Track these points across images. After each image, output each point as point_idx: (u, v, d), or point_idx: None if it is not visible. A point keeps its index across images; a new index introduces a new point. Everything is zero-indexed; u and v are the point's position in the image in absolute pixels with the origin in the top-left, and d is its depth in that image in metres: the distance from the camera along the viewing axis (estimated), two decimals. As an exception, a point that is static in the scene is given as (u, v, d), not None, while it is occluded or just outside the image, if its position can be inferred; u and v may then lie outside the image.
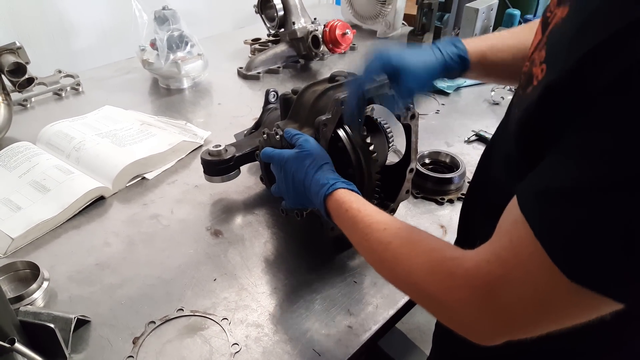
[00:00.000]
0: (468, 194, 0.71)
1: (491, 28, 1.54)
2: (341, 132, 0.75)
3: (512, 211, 0.40)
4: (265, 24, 1.54)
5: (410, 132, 0.79)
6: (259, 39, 1.62)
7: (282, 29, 1.49)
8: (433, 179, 0.93)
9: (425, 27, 1.61)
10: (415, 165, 0.82)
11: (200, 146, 1.09)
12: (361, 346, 0.66)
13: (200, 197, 0.94)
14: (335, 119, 0.70)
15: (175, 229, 0.86)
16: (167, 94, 1.35)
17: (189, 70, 1.33)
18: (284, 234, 0.85)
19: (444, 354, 0.76)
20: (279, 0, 1.43)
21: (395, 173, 0.83)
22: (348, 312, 0.70)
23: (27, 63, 1.13)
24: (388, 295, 0.73)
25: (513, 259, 0.39)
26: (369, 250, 0.55)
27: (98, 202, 0.92)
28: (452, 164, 0.98)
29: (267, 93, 1.00)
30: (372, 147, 0.75)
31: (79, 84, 1.34)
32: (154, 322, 0.68)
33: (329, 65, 1.54)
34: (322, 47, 1.49)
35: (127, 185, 0.97)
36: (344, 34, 1.47)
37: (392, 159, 0.88)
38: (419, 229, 0.53)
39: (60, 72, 1.33)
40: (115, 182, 0.94)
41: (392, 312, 0.71)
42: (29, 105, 1.26)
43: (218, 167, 0.88)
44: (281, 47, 1.49)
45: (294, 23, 1.45)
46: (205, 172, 0.90)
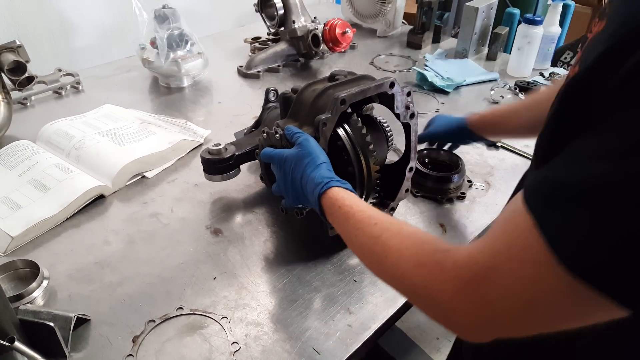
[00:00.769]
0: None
1: (491, 27, 1.54)
2: (341, 131, 0.75)
3: (512, 205, 0.39)
4: (265, 22, 1.54)
5: (409, 131, 0.79)
6: (259, 38, 1.62)
7: (282, 28, 1.48)
8: (433, 177, 0.93)
9: (425, 25, 1.61)
10: (415, 164, 0.82)
11: (200, 145, 1.09)
12: (361, 345, 0.66)
13: (200, 196, 0.94)
14: (335, 117, 0.70)
15: (175, 227, 0.86)
16: (167, 92, 1.35)
17: (189, 68, 1.33)
18: (284, 232, 0.85)
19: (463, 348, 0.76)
20: (279, -1, 1.43)
21: (394, 172, 0.83)
22: (348, 311, 0.70)
23: (27, 61, 1.13)
24: (388, 294, 0.73)
25: (506, 250, 0.37)
26: (360, 245, 0.55)
27: (98, 201, 0.92)
28: (451, 163, 0.98)
29: (267, 92, 1.00)
30: (371, 146, 0.75)
31: (79, 83, 1.34)
32: (153, 321, 0.68)
33: (329, 64, 1.54)
34: (322, 46, 1.49)
35: (127, 183, 0.97)
36: (344, 33, 1.47)
37: (392, 157, 0.88)
38: (411, 225, 0.53)
39: (60, 70, 1.33)
40: (115, 180, 0.94)
41: (392, 310, 0.71)
42: (28, 104, 1.26)
43: (218, 165, 0.88)
44: (281, 46, 1.49)
45: (294, 22, 1.44)
46: (205, 170, 0.90)
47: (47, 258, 0.78)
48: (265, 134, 0.78)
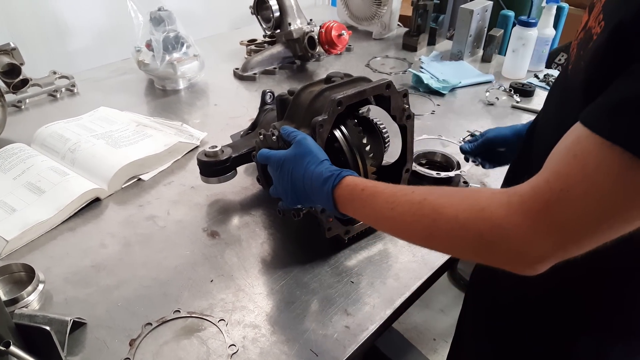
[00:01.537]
0: (512, 169, 0.75)
1: (486, 29, 1.55)
2: (337, 133, 0.75)
3: (570, 136, 0.43)
4: (261, 25, 1.54)
5: (406, 133, 0.80)
6: (255, 40, 1.62)
7: (278, 30, 1.49)
8: (429, 178, 0.93)
9: (420, 28, 1.62)
10: (411, 165, 0.83)
11: (197, 147, 1.09)
12: (359, 346, 0.66)
13: (197, 198, 0.94)
14: (331, 119, 0.71)
15: (172, 230, 0.86)
16: (163, 95, 1.35)
17: (185, 71, 1.33)
18: (281, 234, 0.85)
19: (481, 301, 0.77)
20: (275, 2, 1.43)
21: (391, 173, 0.84)
22: (345, 313, 0.70)
23: (22, 64, 1.13)
24: (385, 295, 0.73)
25: (578, 171, 0.40)
26: (400, 215, 0.53)
27: (94, 204, 0.91)
28: (447, 164, 0.98)
29: (264, 94, 1.00)
30: (368, 148, 0.75)
31: (74, 85, 1.33)
32: (150, 324, 0.68)
33: (325, 66, 1.54)
34: (318, 48, 1.49)
35: (122, 186, 0.97)
36: (339, 35, 1.47)
37: (388, 159, 0.89)
38: None
39: (55, 73, 1.32)
40: (110, 183, 0.94)
41: (389, 312, 0.71)
42: (23, 107, 1.25)
43: (214, 168, 0.88)
44: (277, 48, 1.49)
45: (289, 24, 1.45)
46: (202, 173, 0.90)
47: (43, 261, 0.78)
48: (261, 136, 0.78)
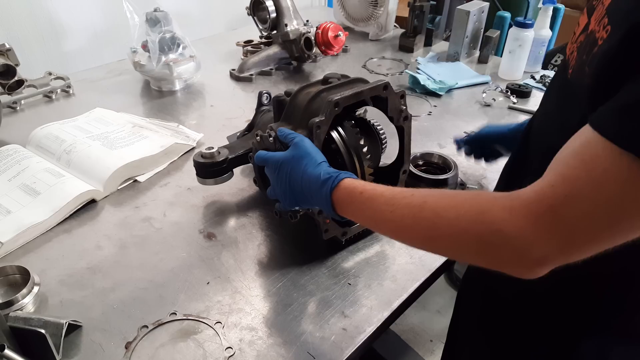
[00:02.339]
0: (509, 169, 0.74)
1: (482, 30, 1.55)
2: (334, 134, 0.75)
3: (577, 139, 0.42)
4: (257, 26, 1.53)
5: (403, 134, 0.80)
6: (252, 41, 1.62)
7: (275, 31, 1.48)
8: (426, 180, 0.93)
9: (417, 29, 1.62)
10: (409, 166, 0.82)
11: (193, 148, 1.09)
12: (356, 348, 0.66)
13: (193, 200, 0.93)
14: (328, 120, 0.70)
15: (168, 232, 0.86)
16: (159, 96, 1.34)
17: (181, 72, 1.32)
18: (278, 236, 0.85)
19: (475, 298, 0.77)
20: (272, 3, 1.43)
21: (388, 175, 0.83)
22: (342, 315, 0.70)
23: (17, 65, 1.12)
24: (382, 297, 0.73)
25: (585, 176, 0.40)
26: (398, 219, 0.53)
27: (89, 206, 0.91)
28: (444, 165, 0.98)
29: (260, 95, 0.99)
30: (365, 149, 0.75)
31: (69, 86, 1.33)
32: (146, 327, 0.67)
33: (321, 67, 1.54)
34: (315, 49, 1.49)
35: (118, 188, 0.96)
36: (336, 36, 1.47)
37: (386, 160, 0.89)
38: None
39: (50, 74, 1.32)
40: (106, 185, 0.93)
41: (386, 313, 0.71)
42: (18, 108, 1.24)
43: (211, 169, 0.87)
44: (274, 49, 1.49)
45: (286, 25, 1.44)
46: (198, 174, 0.89)
47: (38, 264, 0.77)
48: (258, 137, 0.78)
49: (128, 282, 0.75)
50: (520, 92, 1.34)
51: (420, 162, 1.00)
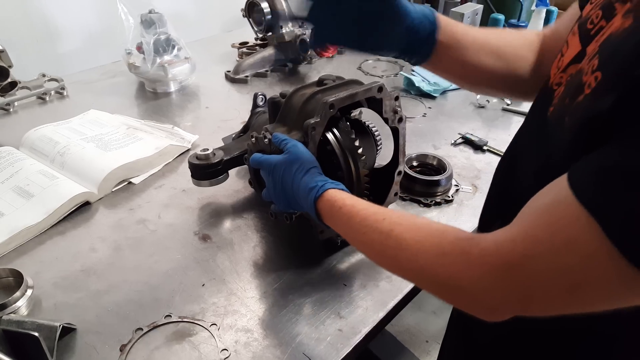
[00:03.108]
0: (485, 210, 0.71)
1: (477, 32, 1.56)
2: (330, 136, 0.75)
3: (551, 191, 0.40)
4: (252, 27, 1.54)
5: (397, 135, 0.80)
6: (247, 43, 1.62)
7: (270, 33, 1.49)
8: (421, 181, 0.94)
9: (412, 31, 1.63)
10: (403, 167, 0.83)
11: (188, 150, 1.09)
12: (352, 349, 0.66)
13: (188, 202, 0.93)
14: (323, 122, 0.71)
15: (163, 233, 0.85)
16: (153, 97, 1.34)
17: (176, 73, 1.32)
18: (274, 237, 0.85)
19: (457, 331, 0.76)
20: (267, 5, 1.43)
21: (383, 176, 0.84)
22: (338, 315, 0.70)
23: (10, 66, 1.11)
24: (378, 297, 0.73)
25: (548, 239, 0.38)
26: (370, 242, 0.54)
27: (83, 208, 0.91)
28: (439, 167, 0.99)
29: (255, 96, 0.99)
30: (360, 150, 0.75)
31: (63, 88, 1.32)
32: (141, 329, 0.67)
33: (317, 69, 1.54)
34: (310, 51, 1.49)
35: (113, 190, 0.96)
36: (331, 38, 1.47)
37: (380, 162, 0.89)
38: (419, 216, 0.53)
39: (44, 75, 1.31)
40: (101, 187, 0.93)
41: (382, 314, 0.71)
42: (11, 110, 1.24)
43: (206, 171, 0.87)
44: (269, 51, 1.49)
45: (281, 27, 1.45)
46: (193, 176, 0.89)
47: (32, 266, 0.77)
48: (253, 139, 0.78)
49: (123, 284, 0.74)
50: (514, 93, 1.35)
51: (415, 164, 1.01)
